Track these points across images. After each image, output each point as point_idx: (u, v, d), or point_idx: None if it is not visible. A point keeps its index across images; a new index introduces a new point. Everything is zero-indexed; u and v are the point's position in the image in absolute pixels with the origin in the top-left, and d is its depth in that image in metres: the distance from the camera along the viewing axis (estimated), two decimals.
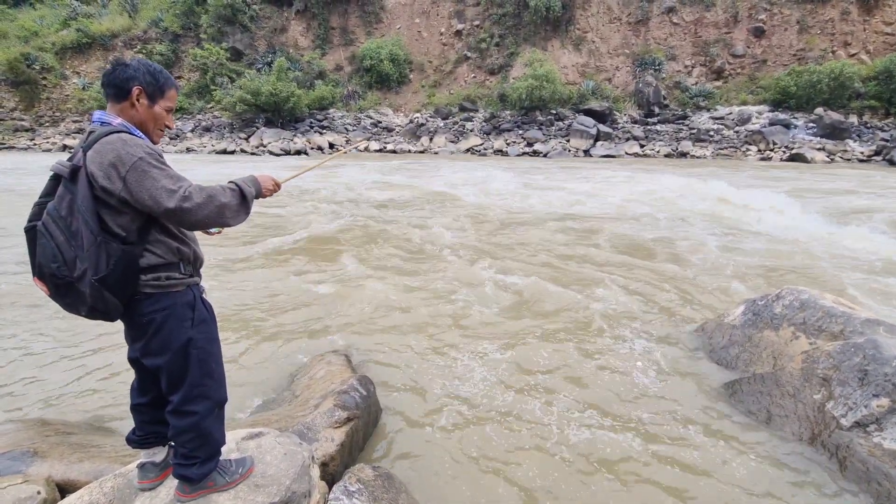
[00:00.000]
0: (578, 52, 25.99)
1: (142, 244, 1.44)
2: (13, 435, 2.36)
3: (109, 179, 1.34)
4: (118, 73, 1.46)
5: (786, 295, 3.49)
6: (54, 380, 3.26)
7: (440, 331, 3.95)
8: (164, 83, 1.53)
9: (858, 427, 2.41)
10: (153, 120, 1.53)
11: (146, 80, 1.48)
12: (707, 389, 3.16)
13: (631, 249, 6.40)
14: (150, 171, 1.36)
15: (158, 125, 1.55)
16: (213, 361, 1.60)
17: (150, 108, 1.51)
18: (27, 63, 27.66)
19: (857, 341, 2.71)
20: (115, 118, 1.46)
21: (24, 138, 26.24)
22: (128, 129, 1.44)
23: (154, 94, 1.51)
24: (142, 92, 1.48)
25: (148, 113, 1.51)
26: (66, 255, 1.36)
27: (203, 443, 1.61)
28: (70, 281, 1.37)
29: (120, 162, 1.34)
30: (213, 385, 1.61)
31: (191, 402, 1.56)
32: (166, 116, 1.56)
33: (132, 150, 1.36)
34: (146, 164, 1.36)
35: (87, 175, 1.35)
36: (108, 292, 1.39)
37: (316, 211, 8.97)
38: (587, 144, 21.46)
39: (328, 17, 28.73)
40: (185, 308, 1.52)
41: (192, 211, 1.38)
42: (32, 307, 4.37)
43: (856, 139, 19.57)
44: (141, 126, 1.50)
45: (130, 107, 1.48)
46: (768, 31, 23.54)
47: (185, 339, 1.51)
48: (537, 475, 2.40)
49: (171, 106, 1.57)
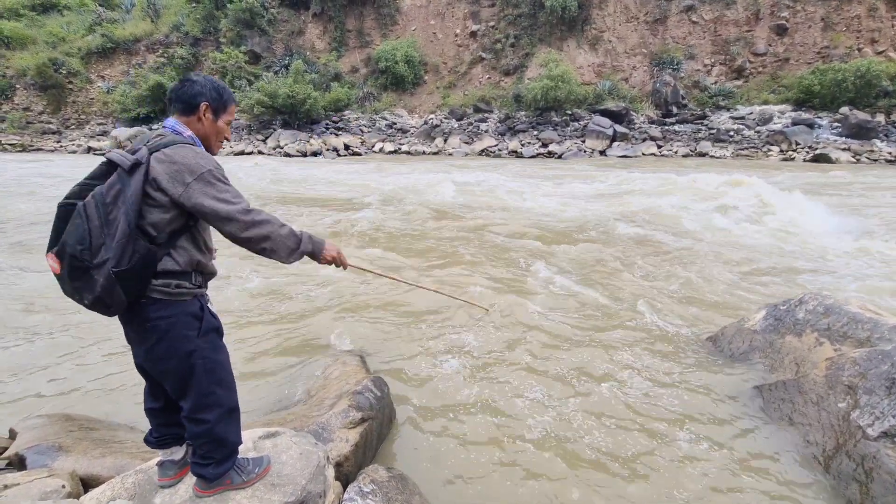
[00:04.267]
0: (595, 51, 25.72)
1: (166, 248, 1.48)
2: (39, 430, 2.43)
3: (173, 183, 1.43)
4: (187, 89, 1.57)
5: (809, 300, 3.40)
6: (78, 376, 3.35)
7: (455, 333, 3.95)
8: (227, 99, 1.64)
9: (886, 437, 2.32)
10: (216, 133, 1.64)
11: (212, 96, 1.59)
12: (726, 396, 3.10)
13: (647, 250, 6.30)
14: (217, 184, 1.47)
15: (219, 137, 1.67)
16: (221, 370, 1.62)
17: (214, 122, 1.62)
18: (54, 68, 28.54)
19: (885, 348, 2.62)
20: (186, 129, 1.57)
21: (51, 140, 27.06)
22: (196, 142, 1.55)
23: (218, 109, 1.62)
24: (208, 107, 1.59)
25: (212, 126, 1.62)
26: (94, 241, 1.38)
27: (218, 446, 1.64)
28: (87, 266, 1.38)
29: (189, 170, 1.43)
30: (224, 393, 1.63)
31: (202, 410, 1.59)
32: (226, 129, 1.68)
33: (203, 161, 1.47)
34: (213, 176, 1.46)
35: (146, 172, 1.41)
36: (119, 286, 1.40)
37: (331, 210, 9.06)
38: (603, 145, 21.22)
39: (344, 20, 28.99)
40: (190, 318, 1.53)
41: (249, 224, 1.48)
42: (59, 303, 4.50)
43: (883, 139, 18.96)
44: (204, 139, 1.62)
45: (197, 121, 1.59)
46: (791, 29, 22.96)
47: (189, 349, 1.53)
48: (553, 477, 2.38)
49: (231, 119, 1.68)
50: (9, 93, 28.56)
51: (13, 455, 2.21)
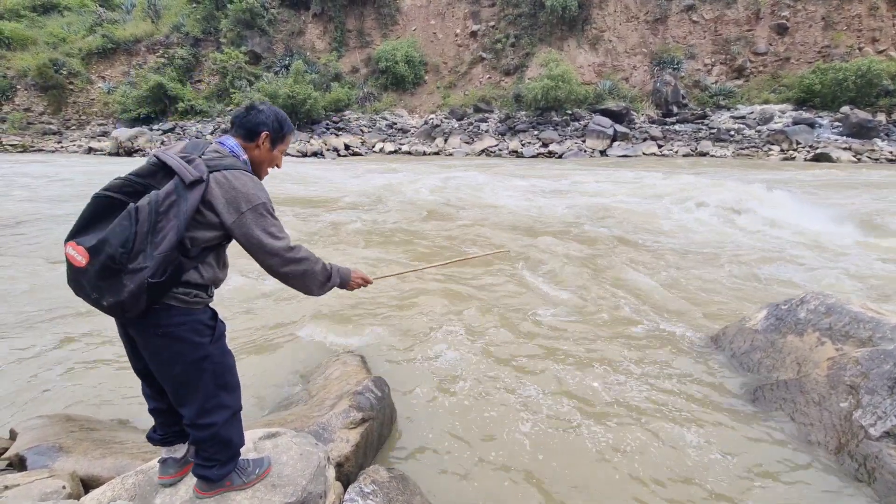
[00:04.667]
0: (595, 51, 25.72)
1: (195, 261, 1.50)
2: (40, 430, 2.43)
3: (228, 209, 1.46)
4: (252, 118, 1.63)
5: (810, 299, 3.39)
6: (79, 376, 3.35)
7: (456, 333, 3.94)
8: (287, 131, 1.71)
9: (888, 437, 2.32)
10: (270, 161, 1.70)
11: (274, 127, 1.65)
12: (728, 395, 3.09)
13: (649, 250, 6.30)
14: (268, 217, 1.52)
15: (271, 164, 1.72)
16: (228, 374, 1.64)
17: (271, 150, 1.68)
18: (55, 68, 28.54)
19: (888, 348, 2.62)
20: (244, 154, 1.62)
21: (52, 141, 27.07)
22: (248, 167, 1.61)
23: (276, 139, 1.68)
24: (268, 137, 1.64)
25: (268, 154, 1.68)
26: (137, 246, 1.34)
27: (223, 447, 1.64)
28: (121, 270, 1.33)
29: (246, 199, 1.47)
30: (228, 396, 1.64)
31: (208, 414, 1.58)
32: (279, 157, 1.73)
33: (259, 193, 1.51)
34: (266, 209, 1.52)
35: (204, 192, 1.43)
36: (146, 294, 1.37)
37: (332, 210, 9.05)
38: (604, 145, 21.21)
39: (344, 20, 29.00)
40: (203, 325, 1.54)
41: (289, 261, 1.57)
42: (61, 306, 4.50)
43: (884, 138, 18.94)
44: (257, 164, 1.67)
45: (255, 147, 1.64)
46: (792, 28, 22.95)
47: (201, 355, 1.53)
48: (556, 477, 2.37)
49: (285, 149, 1.74)
50: (9, 93, 28.57)
51: (13, 456, 2.21)
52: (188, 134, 25.66)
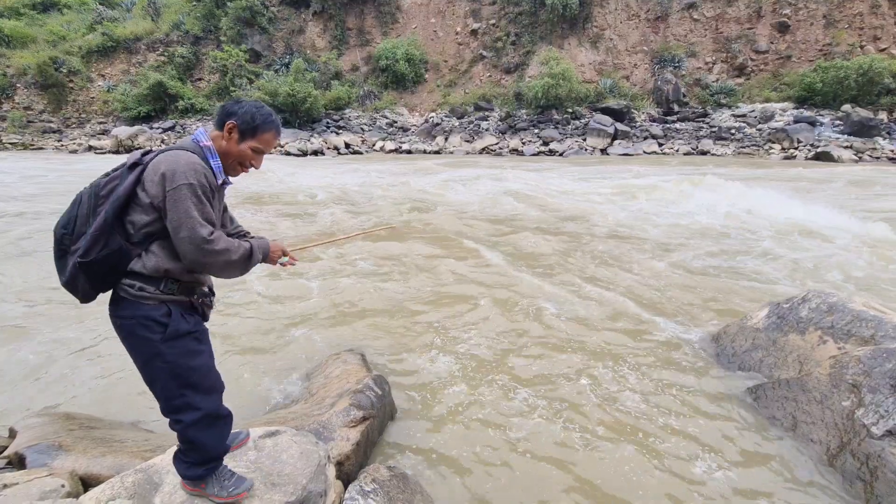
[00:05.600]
0: (595, 49, 25.67)
1: (139, 248, 1.47)
2: (40, 429, 2.42)
3: (154, 186, 1.42)
4: (227, 107, 1.59)
5: (812, 298, 3.38)
6: (79, 374, 3.34)
7: (455, 331, 3.94)
8: (260, 126, 1.59)
9: (891, 436, 2.31)
10: (238, 155, 1.60)
11: (244, 119, 1.56)
12: (729, 394, 3.08)
13: (650, 249, 6.28)
14: (189, 200, 1.41)
15: (240, 160, 1.61)
16: (193, 375, 1.56)
17: (238, 143, 1.58)
18: (55, 67, 28.48)
19: (890, 346, 2.61)
20: (207, 140, 1.57)
21: (53, 139, 27.03)
22: (206, 153, 1.55)
23: (246, 132, 1.58)
24: (235, 128, 1.57)
25: (234, 147, 1.58)
26: (78, 229, 1.45)
27: (191, 449, 1.61)
28: (66, 251, 1.46)
29: (171, 177, 1.41)
30: (199, 398, 1.57)
31: (174, 411, 1.57)
32: (251, 156, 1.62)
33: (188, 173, 1.43)
34: (190, 191, 1.42)
35: (141, 172, 1.44)
36: (84, 276, 1.45)
37: (327, 209, 9.05)
38: (604, 143, 21.18)
39: (344, 18, 28.94)
40: (152, 322, 1.49)
41: (207, 252, 1.44)
42: (61, 304, 4.49)
43: (885, 137, 18.90)
44: (224, 156, 1.59)
45: (221, 137, 1.58)
46: (793, 26, 22.89)
47: (152, 352, 1.50)
48: (555, 476, 2.36)
49: (259, 147, 1.61)
50: (9, 92, 28.51)
51: (13, 454, 2.20)
52: (188, 132, 25.64)
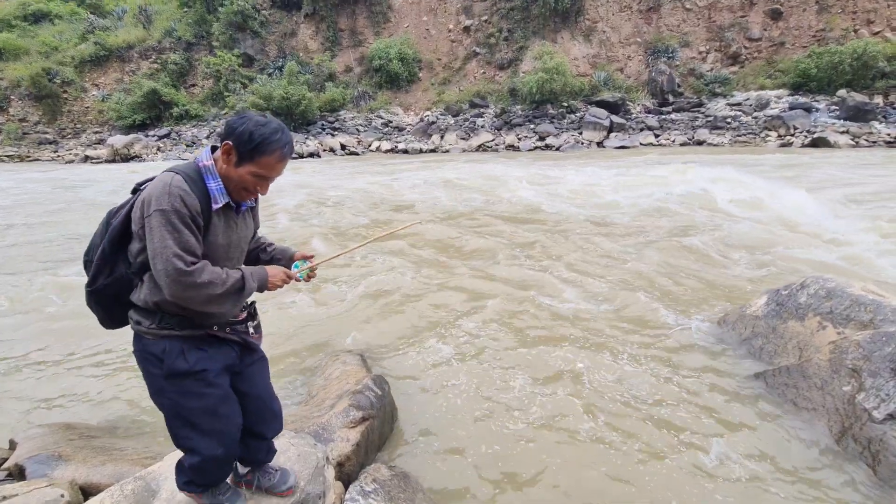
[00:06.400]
0: (589, 42, 25.60)
1: (137, 278, 1.44)
2: (39, 440, 2.42)
3: (137, 212, 1.36)
4: (228, 123, 1.41)
5: (811, 284, 3.37)
6: (81, 386, 3.34)
7: (456, 329, 3.93)
8: (257, 149, 1.37)
9: (892, 420, 2.31)
10: (239, 181, 1.42)
11: (241, 140, 1.37)
12: (730, 382, 3.08)
13: (646, 240, 6.27)
14: (164, 228, 1.29)
15: (242, 186, 1.43)
16: (194, 416, 1.46)
17: (236, 168, 1.40)
18: (48, 77, 28.44)
19: (889, 330, 2.60)
20: (208, 160, 1.42)
21: (48, 150, 27.02)
22: (204, 173, 1.40)
23: (243, 155, 1.39)
24: (232, 149, 1.39)
25: (232, 171, 1.41)
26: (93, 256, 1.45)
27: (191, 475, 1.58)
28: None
29: (148, 203, 1.31)
30: (202, 441, 1.47)
31: (178, 447, 1.53)
32: (251, 182, 1.42)
33: (161, 198, 1.30)
34: (163, 218, 1.29)
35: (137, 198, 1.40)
36: (95, 304, 1.48)
37: (323, 208, 9.03)
38: (600, 136, 21.14)
39: (336, 20, 28.86)
40: (152, 357, 1.43)
41: (186, 286, 1.30)
42: (59, 313, 4.48)
43: (881, 120, 18.83)
44: (225, 180, 1.43)
45: (221, 157, 1.42)
46: (786, 13, 22.82)
47: (157, 386, 1.46)
48: (558, 471, 2.36)
49: (260, 173, 1.41)
50: (4, 104, 28.48)
51: (13, 466, 2.20)
52: (183, 139, 25.61)
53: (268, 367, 1.77)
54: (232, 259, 1.53)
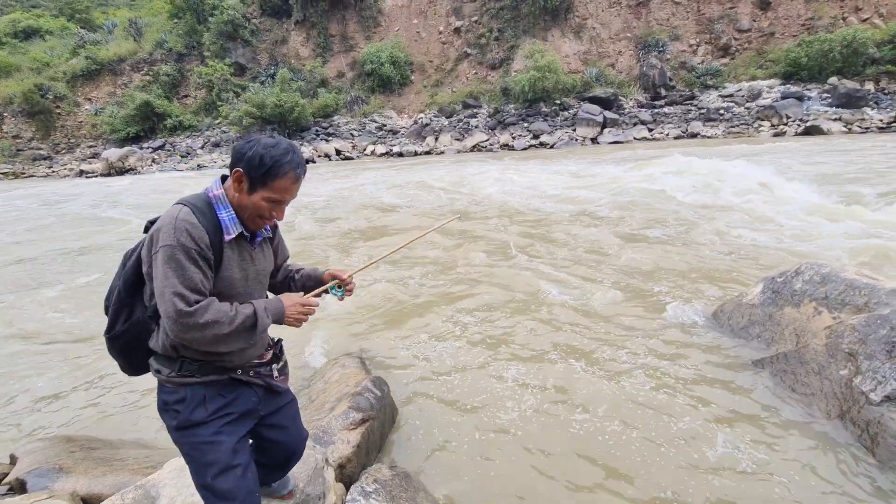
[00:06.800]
0: (579, 39, 25.67)
1: (153, 322, 1.36)
2: (40, 453, 2.42)
3: (146, 251, 1.29)
4: (236, 149, 1.33)
5: (805, 270, 3.39)
6: (80, 399, 3.33)
7: (454, 328, 3.93)
8: (269, 172, 1.29)
9: (889, 401, 2.32)
10: (254, 209, 1.34)
11: (251, 165, 1.29)
12: (728, 371, 3.09)
13: (639, 232, 6.29)
14: (167, 265, 1.21)
15: (257, 213, 1.35)
16: (210, 472, 1.33)
17: (248, 194, 1.32)
18: (41, 93, 28.46)
19: (883, 313, 2.62)
20: (219, 189, 1.36)
21: (43, 166, 27.00)
22: (214, 203, 1.34)
23: (255, 182, 1.31)
24: (243, 176, 1.31)
25: (245, 199, 1.33)
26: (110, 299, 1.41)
27: None
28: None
29: (154, 239, 1.25)
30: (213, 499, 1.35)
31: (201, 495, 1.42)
32: (266, 208, 1.34)
33: (167, 233, 1.23)
34: (167, 254, 1.22)
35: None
36: (114, 350, 1.43)
37: (314, 211, 9.04)
38: (594, 132, 21.18)
39: (327, 26, 28.91)
40: (167, 404, 1.36)
41: (188, 327, 1.22)
42: (56, 331, 4.48)
43: (873, 107, 18.91)
44: (238, 209, 1.35)
45: (232, 185, 1.34)
46: (774, 3, 22.90)
47: (173, 437, 1.38)
48: (558, 469, 2.36)
49: (274, 197, 1.33)
50: None
51: (14, 480, 2.20)
52: (178, 150, 25.62)
53: (297, 409, 1.66)
54: (251, 293, 1.43)
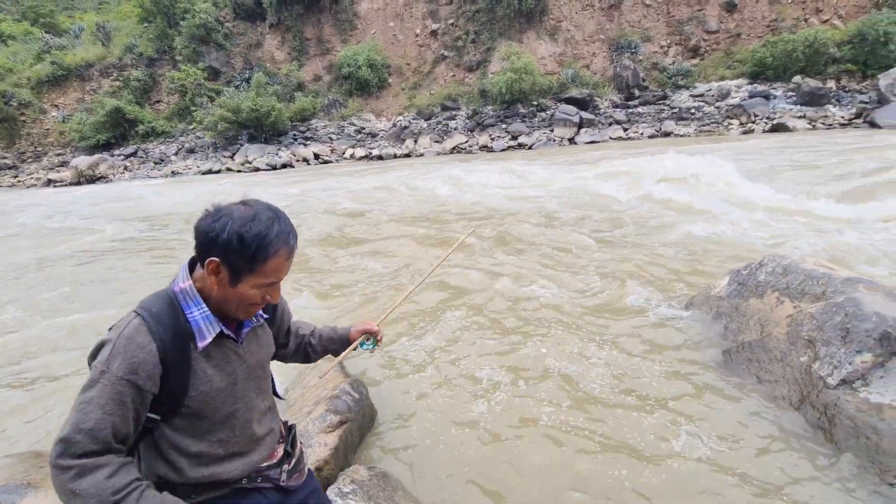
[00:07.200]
0: (554, 41, 26.04)
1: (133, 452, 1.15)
2: (7, 469, 2.35)
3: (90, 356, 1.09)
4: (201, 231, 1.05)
5: (768, 262, 3.52)
6: (46, 416, 3.25)
7: (433, 330, 3.96)
8: (255, 256, 1.04)
9: (845, 385, 2.44)
10: (236, 301, 1.10)
11: (231, 249, 1.02)
12: (697, 363, 3.19)
13: (607, 229, 6.43)
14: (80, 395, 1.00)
15: (249, 303, 1.11)
16: None
17: (233, 287, 1.07)
18: (4, 100, 27.44)
19: (838, 300, 2.75)
20: (184, 282, 1.11)
21: (8, 176, 26.05)
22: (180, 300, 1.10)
23: (240, 270, 1.05)
24: (220, 266, 1.05)
25: (228, 292, 1.08)
26: None
27: None
28: None
29: (93, 360, 1.05)
30: None
31: None
32: (258, 296, 1.10)
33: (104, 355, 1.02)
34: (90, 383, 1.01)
35: None
36: None
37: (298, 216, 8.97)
38: (571, 133, 21.50)
39: (302, 29, 28.65)
40: None
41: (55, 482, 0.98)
42: (30, 350, 4.35)
43: (835, 104, 19.69)
44: (220, 302, 1.11)
45: (207, 276, 1.08)
46: (740, 5, 23.65)
47: None
48: (535, 470, 2.41)
49: (267, 282, 1.09)
50: None
51: None
52: (151, 157, 25.04)
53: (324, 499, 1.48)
54: (246, 397, 1.21)
